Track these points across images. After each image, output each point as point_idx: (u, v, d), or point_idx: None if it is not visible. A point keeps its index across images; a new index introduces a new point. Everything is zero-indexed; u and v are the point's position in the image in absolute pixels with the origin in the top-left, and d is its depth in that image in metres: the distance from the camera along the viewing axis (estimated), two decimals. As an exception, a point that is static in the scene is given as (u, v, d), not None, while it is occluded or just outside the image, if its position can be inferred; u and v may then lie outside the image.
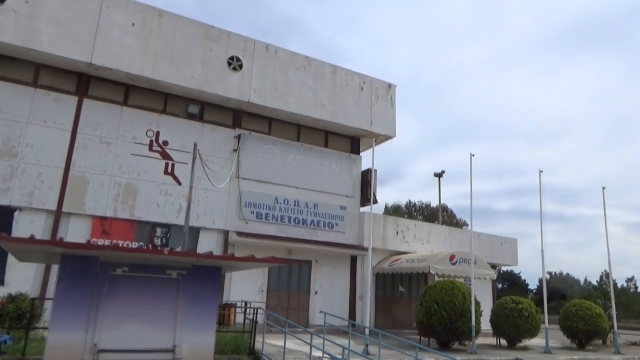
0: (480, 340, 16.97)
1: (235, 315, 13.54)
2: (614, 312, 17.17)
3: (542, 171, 16.53)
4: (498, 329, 16.15)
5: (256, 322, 10.65)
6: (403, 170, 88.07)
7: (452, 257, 16.82)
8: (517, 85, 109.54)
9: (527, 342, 16.28)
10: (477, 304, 14.58)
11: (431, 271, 16.13)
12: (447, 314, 13.81)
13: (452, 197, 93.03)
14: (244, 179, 16.77)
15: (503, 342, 16.38)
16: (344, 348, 7.63)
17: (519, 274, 65.02)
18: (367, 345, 11.90)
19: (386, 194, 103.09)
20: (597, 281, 20.88)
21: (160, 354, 6.32)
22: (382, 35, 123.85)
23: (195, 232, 15.72)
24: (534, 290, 62.28)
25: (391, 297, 18.91)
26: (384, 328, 18.21)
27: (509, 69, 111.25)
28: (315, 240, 17.47)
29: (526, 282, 64.97)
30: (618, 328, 22.40)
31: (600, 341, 19.06)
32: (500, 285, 57.75)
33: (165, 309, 6.51)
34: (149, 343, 6.31)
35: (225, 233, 16.14)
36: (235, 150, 16.80)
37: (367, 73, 20.09)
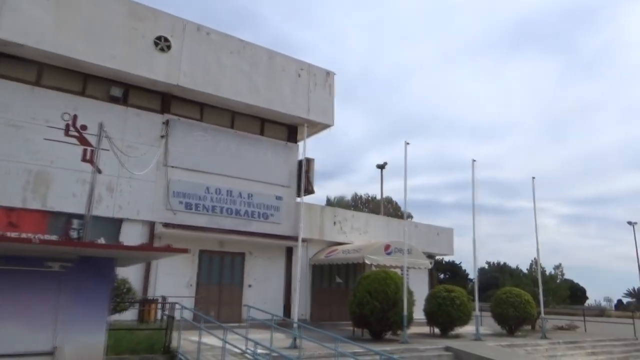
0: (414, 330, 16.99)
1: (156, 311, 12.72)
2: (541, 298, 17.65)
3: (475, 160, 16.70)
4: (431, 317, 16.18)
5: (173, 318, 9.93)
6: (354, 164, 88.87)
7: (387, 247, 16.69)
8: (463, 82, 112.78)
9: (459, 330, 16.42)
10: (410, 293, 14.49)
11: (366, 261, 15.92)
12: (380, 304, 13.61)
13: (400, 190, 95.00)
14: (173, 167, 15.84)
15: (437, 330, 16.45)
16: (256, 343, 7.12)
17: (460, 264, 67.28)
18: (295, 339, 11.46)
19: (336, 188, 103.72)
20: (527, 269, 21.67)
21: (36, 357, 5.56)
22: (335, 30, 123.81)
23: (117, 223, 14.70)
24: (474, 280, 64.65)
25: (329, 289, 18.62)
26: (321, 320, 17.95)
27: (456, 67, 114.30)
28: (249, 231, 16.82)
29: (467, 272, 67.43)
30: (547, 314, 23.26)
31: (530, 327, 19.65)
32: (442, 276, 59.46)
33: (45, 306, 5.73)
34: (23, 346, 5.52)
35: (151, 224, 15.19)
36: (162, 137, 15.83)
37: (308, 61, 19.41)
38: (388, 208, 54.22)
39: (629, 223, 55.20)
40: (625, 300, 70.83)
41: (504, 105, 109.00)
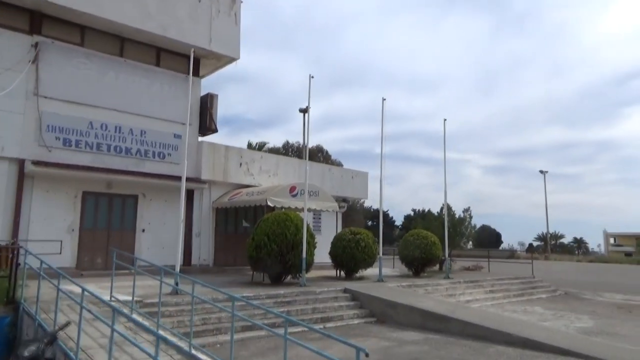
0: (320, 273, 16.66)
1: (11, 258, 11.20)
2: (446, 240, 17.80)
3: (385, 99, 16.00)
4: (336, 260, 15.84)
5: (18, 264, 8.59)
6: (291, 114, 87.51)
7: (292, 188, 15.87)
8: (401, 34, 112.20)
9: (364, 272, 16.26)
10: (312, 236, 13.90)
11: (269, 203, 15.05)
12: (277, 247, 12.90)
13: (337, 140, 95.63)
14: (46, 97, 13.83)
15: (343, 273, 16.17)
16: (83, 289, 6.05)
17: (387, 211, 69.39)
18: (177, 284, 10.49)
19: (272, 137, 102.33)
20: (437, 212, 22.04)
21: None
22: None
23: (-26, 160, 12.75)
24: (400, 226, 67.11)
25: (234, 234, 17.68)
26: (225, 265, 17.15)
27: (393, 18, 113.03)
28: (142, 172, 15.33)
29: (393, 219, 69.94)
30: (456, 256, 23.94)
31: (437, 268, 20.02)
32: (370, 222, 60.90)
33: None
34: None
35: (21, 163, 13.31)
36: (32, 62, 13.69)
37: None
38: (319, 157, 54.05)
39: (541, 172, 58.45)
40: (535, 243, 76.50)
41: (440, 58, 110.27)
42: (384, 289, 13.54)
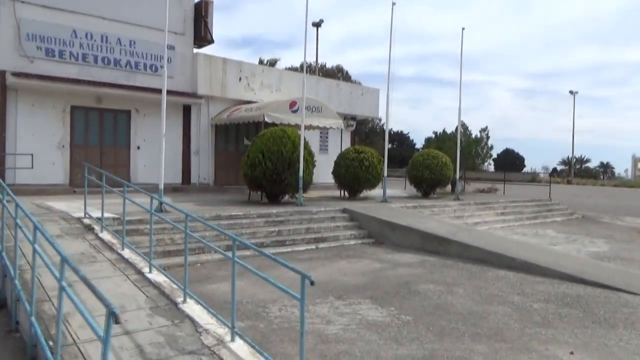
0: (324, 193, 16.09)
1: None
2: (457, 161, 16.81)
3: (394, 3, 14.33)
4: (339, 180, 15.13)
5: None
6: (313, 35, 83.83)
7: (292, 103, 14.82)
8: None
9: (369, 192, 15.58)
10: (310, 154, 13.09)
11: (267, 119, 14.13)
12: (273, 165, 12.19)
13: (360, 62, 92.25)
14: (23, 2, 12.74)
15: (347, 194, 15.51)
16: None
17: (407, 134, 68.05)
18: (160, 204, 9.95)
19: (292, 57, 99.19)
20: (452, 132, 20.86)
21: None
22: None
23: (-51, 71, 12.03)
24: (420, 149, 65.95)
25: (234, 152, 16.99)
26: (226, 184, 16.68)
27: None
28: (133, 85, 14.45)
29: (414, 141, 68.61)
30: (476, 179, 23.06)
31: (450, 189, 19.20)
32: (390, 145, 59.89)
33: None
34: None
35: (2, 74, 12.56)
36: (4, -39, 12.47)
37: None
38: (339, 78, 52.43)
39: (570, 92, 55.33)
40: (560, 168, 74.59)
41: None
42: (385, 209, 12.88)
